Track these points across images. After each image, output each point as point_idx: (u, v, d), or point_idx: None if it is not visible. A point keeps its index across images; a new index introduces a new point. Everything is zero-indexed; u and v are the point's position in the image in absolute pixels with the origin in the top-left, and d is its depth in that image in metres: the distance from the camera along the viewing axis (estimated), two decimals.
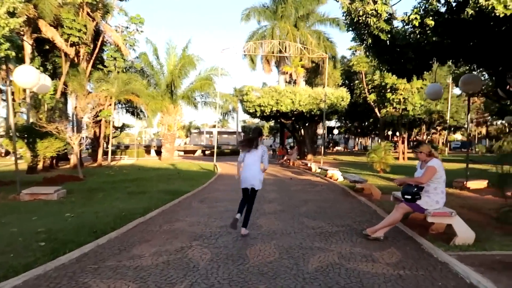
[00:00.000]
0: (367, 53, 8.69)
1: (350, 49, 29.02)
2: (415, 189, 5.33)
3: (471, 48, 7.17)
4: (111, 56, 20.99)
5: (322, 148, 22.80)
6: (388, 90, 25.88)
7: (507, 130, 50.96)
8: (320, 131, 38.99)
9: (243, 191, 6.03)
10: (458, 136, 74.49)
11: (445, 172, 5.59)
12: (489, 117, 47.19)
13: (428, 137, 53.97)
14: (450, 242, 5.14)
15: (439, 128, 40.27)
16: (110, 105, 20.14)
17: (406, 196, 5.38)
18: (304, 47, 30.09)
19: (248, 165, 5.95)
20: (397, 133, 51.50)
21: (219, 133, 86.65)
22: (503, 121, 25.28)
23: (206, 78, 26.14)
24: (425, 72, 9.39)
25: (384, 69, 9.09)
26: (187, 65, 25.19)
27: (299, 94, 21.08)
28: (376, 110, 27.78)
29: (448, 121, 35.65)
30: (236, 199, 9.35)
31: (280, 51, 17.77)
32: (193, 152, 40.33)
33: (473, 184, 10.87)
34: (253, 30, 31.63)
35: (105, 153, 22.71)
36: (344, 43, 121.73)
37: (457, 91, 53.72)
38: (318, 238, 5.53)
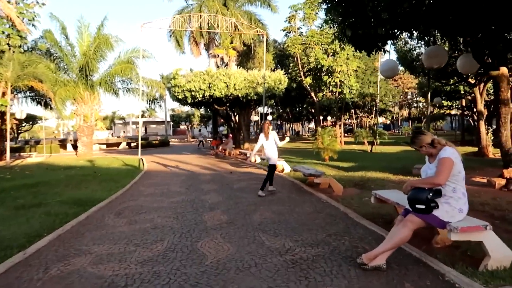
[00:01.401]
0: (329, 14, 6.94)
1: (284, 30, 27.58)
2: (430, 194, 3.68)
3: (454, 9, 5.74)
4: (3, 32, 17.13)
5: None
6: (324, 73, 24.92)
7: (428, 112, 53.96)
8: (254, 117, 37.45)
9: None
10: (380, 119, 78.09)
11: (391, 157, 3.99)
12: (419, 98, 49.29)
13: (357, 120, 55.28)
14: (478, 265, 3.63)
15: (371, 111, 40.85)
16: (4, 93, 16.45)
17: (417, 206, 3.71)
18: (236, 28, 28.15)
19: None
20: (329, 118, 52.03)
21: (147, 123, 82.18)
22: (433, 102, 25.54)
23: (127, 61, 22.95)
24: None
25: (344, 37, 7.43)
26: (103, 46, 21.83)
27: (234, 77, 19.09)
28: (313, 94, 26.76)
29: (378, 104, 36.05)
30: (168, 207, 7.25)
31: (211, 28, 15.60)
32: (117, 145, 36.60)
33: None
34: (178, 9, 28.83)
35: (15, 149, 18.86)
36: (275, 25, 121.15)
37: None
38: (294, 275, 3.66)
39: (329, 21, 7.11)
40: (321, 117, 44.05)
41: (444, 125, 63.48)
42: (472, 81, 14.32)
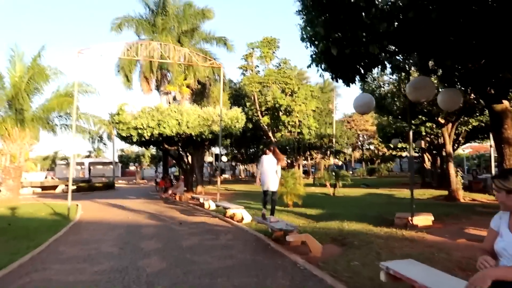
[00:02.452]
0: (308, 28, 5.54)
1: (241, 68, 26.65)
2: None
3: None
4: None
5: (218, 178, 19.26)
6: (283, 112, 23.93)
7: (380, 154, 54.80)
8: (209, 158, 35.52)
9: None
10: (332, 160, 78.81)
11: (358, 202, 2.52)
12: (371, 140, 49.97)
13: (312, 161, 54.88)
14: None
15: (328, 152, 40.46)
16: None
17: None
18: (190, 60, 26.81)
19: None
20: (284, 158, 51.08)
21: (93, 164, 77.10)
22: (391, 143, 25.24)
23: (66, 95, 20.59)
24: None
25: (322, 61, 6.06)
26: (38, 77, 19.43)
27: (187, 114, 17.35)
28: (270, 134, 25.55)
29: (334, 146, 35.64)
30: (88, 281, 5.12)
31: (163, 59, 14.00)
32: (54, 188, 32.86)
33: (420, 220, 8.48)
34: (129, 43, 27.07)
35: None
36: (231, 66, 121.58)
37: (339, 115, 56.29)
38: None
39: (306, 39, 5.70)
40: None
41: (394, 166, 64.90)
42: (441, 120, 13.64)
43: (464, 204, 12.95)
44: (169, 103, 26.67)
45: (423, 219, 8.49)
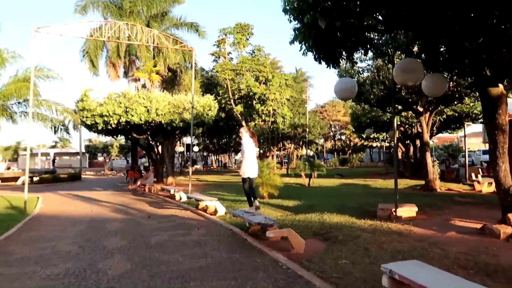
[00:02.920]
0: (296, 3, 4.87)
1: (213, 54, 25.68)
2: None
3: None
4: None
5: (189, 168, 18.42)
6: (256, 101, 23.29)
7: (352, 144, 55.24)
8: (180, 148, 34.47)
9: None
10: (304, 150, 79.08)
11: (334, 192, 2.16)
12: (343, 130, 50.18)
13: (284, 152, 54.63)
14: None
15: (301, 142, 40.17)
16: None
17: None
18: (158, 48, 25.59)
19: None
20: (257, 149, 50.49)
21: (59, 154, 74.14)
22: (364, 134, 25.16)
23: (25, 80, 19.13)
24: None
25: (307, 37, 5.42)
26: None
27: (156, 101, 16.36)
28: (244, 123, 24.86)
29: (307, 136, 35.39)
30: None
31: (131, 41, 12.97)
32: (15, 179, 30.97)
33: (404, 212, 8.10)
34: (94, 28, 25.44)
35: None
36: (203, 53, 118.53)
37: (311, 105, 56.15)
38: None
39: (290, 10, 5.04)
40: None
41: (364, 156, 65.68)
42: (420, 109, 13.38)
43: (442, 194, 12.79)
44: (138, 90, 25.43)
45: (407, 211, 8.12)
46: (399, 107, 14.26)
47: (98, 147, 64.01)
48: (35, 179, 30.50)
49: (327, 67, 6.90)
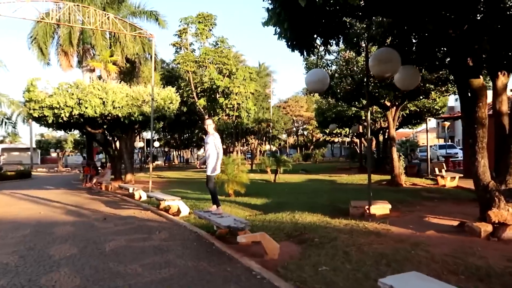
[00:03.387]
0: None
1: (174, 45, 24.56)
2: None
3: None
4: None
5: (150, 165, 17.42)
6: (220, 95, 22.57)
7: (314, 139, 55.70)
8: (140, 144, 33.03)
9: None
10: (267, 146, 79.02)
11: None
12: (306, 126, 50.34)
13: (247, 147, 54.22)
14: None
15: (264, 138, 39.82)
16: None
17: None
18: (115, 37, 24.17)
19: None
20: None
21: (7, 149, 69.94)
22: (328, 129, 25.10)
23: None
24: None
25: (282, 16, 4.86)
26: None
27: (113, 92, 15.23)
28: (207, 117, 24.04)
29: (271, 131, 35.11)
30: None
31: (83, 25, 11.83)
32: None
33: (377, 209, 7.79)
34: (44, 12, 23.52)
35: None
36: (163, 45, 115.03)
37: (274, 100, 55.93)
38: None
39: None
40: None
41: (326, 152, 66.52)
42: (387, 103, 13.26)
43: (408, 189, 12.74)
44: (93, 81, 23.93)
45: (381, 208, 7.82)
46: (364, 102, 14.08)
47: (51, 142, 60.45)
48: None
49: (300, 55, 6.39)
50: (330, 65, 12.79)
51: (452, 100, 39.05)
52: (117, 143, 19.64)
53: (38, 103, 14.62)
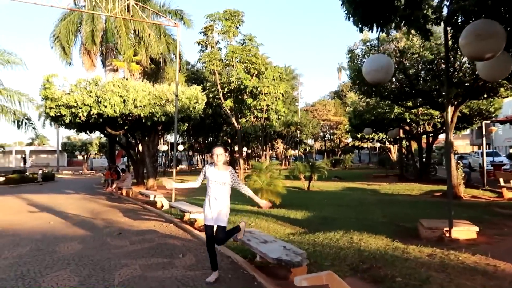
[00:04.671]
0: None
1: (199, 43, 23.31)
2: None
3: None
4: None
5: (173, 169, 16.13)
6: (248, 95, 21.13)
7: (342, 145, 53.57)
8: (163, 147, 31.98)
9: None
10: (296, 150, 76.75)
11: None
12: (334, 130, 48.37)
13: (274, 152, 52.54)
14: None
15: (292, 142, 38.10)
16: None
17: None
18: (139, 37, 23.17)
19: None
20: (244, 149, 48.17)
21: (35, 152, 71.07)
22: (363, 133, 23.22)
23: None
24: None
25: None
26: None
27: (135, 90, 13.98)
28: (234, 119, 22.62)
29: (300, 135, 33.41)
30: None
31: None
32: None
33: (461, 233, 6.07)
34: (65, 12, 22.64)
35: None
36: (189, 45, 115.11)
37: (301, 104, 54.16)
38: None
39: None
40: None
41: (353, 157, 63.98)
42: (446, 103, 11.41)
43: (473, 203, 10.83)
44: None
45: (465, 231, 6.11)
46: (410, 103, 12.27)
47: (76, 144, 60.65)
48: (1, 179, 27.56)
49: (372, 31, 4.81)
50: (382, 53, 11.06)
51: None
52: (140, 146, 18.46)
53: (54, 101, 13.50)
